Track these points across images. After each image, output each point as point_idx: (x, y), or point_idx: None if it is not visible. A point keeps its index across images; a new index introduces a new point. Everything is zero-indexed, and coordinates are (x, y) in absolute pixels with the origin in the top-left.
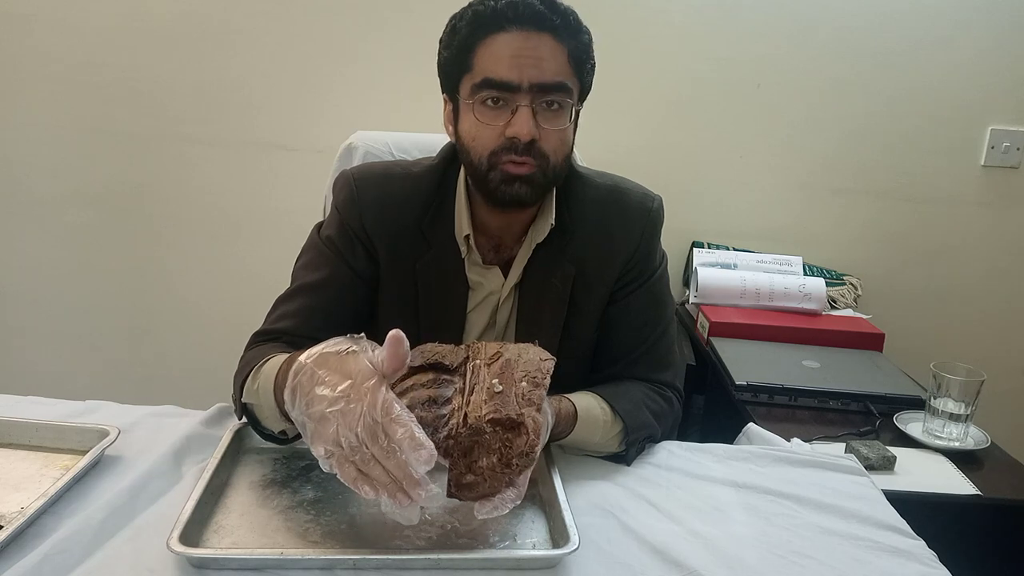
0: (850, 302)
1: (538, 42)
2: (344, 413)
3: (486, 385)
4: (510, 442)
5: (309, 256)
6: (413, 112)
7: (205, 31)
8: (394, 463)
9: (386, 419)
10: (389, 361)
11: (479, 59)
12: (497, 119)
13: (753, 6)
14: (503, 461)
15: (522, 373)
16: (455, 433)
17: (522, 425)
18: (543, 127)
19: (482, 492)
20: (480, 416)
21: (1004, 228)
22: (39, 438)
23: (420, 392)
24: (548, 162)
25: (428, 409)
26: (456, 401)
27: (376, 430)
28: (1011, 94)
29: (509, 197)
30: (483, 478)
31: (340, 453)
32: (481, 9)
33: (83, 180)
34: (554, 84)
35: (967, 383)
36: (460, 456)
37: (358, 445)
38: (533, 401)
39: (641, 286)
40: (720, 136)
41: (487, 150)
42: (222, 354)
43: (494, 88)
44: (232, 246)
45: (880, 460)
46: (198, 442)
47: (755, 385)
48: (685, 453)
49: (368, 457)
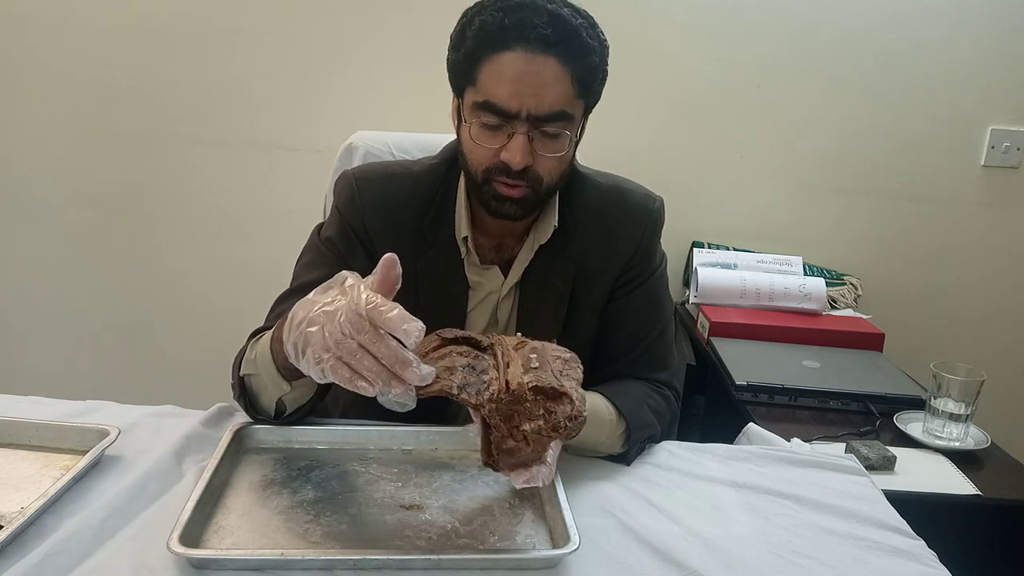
0: (850, 302)
1: (542, 66)
2: (327, 313)
3: (521, 360)
4: (552, 410)
5: (309, 256)
6: (413, 112)
7: (205, 31)
8: (382, 348)
9: (370, 307)
10: (379, 283)
11: (483, 76)
12: (493, 141)
13: (754, 7)
14: (550, 425)
15: (554, 355)
16: (496, 397)
17: (565, 395)
18: (539, 153)
19: (521, 459)
20: (522, 383)
21: (1004, 228)
22: (39, 438)
23: (459, 359)
24: (542, 184)
25: (468, 374)
26: (492, 372)
27: (359, 321)
28: (1011, 94)
29: (500, 214)
30: (525, 442)
31: (330, 357)
32: (490, 22)
33: (83, 180)
34: (553, 114)
35: (967, 383)
36: (502, 420)
37: (343, 339)
38: (572, 376)
39: (641, 285)
40: (720, 136)
41: (482, 166)
42: (222, 354)
43: (492, 113)
44: (232, 246)
45: (880, 460)
46: (198, 442)
47: (755, 385)
48: (685, 453)
49: (355, 349)
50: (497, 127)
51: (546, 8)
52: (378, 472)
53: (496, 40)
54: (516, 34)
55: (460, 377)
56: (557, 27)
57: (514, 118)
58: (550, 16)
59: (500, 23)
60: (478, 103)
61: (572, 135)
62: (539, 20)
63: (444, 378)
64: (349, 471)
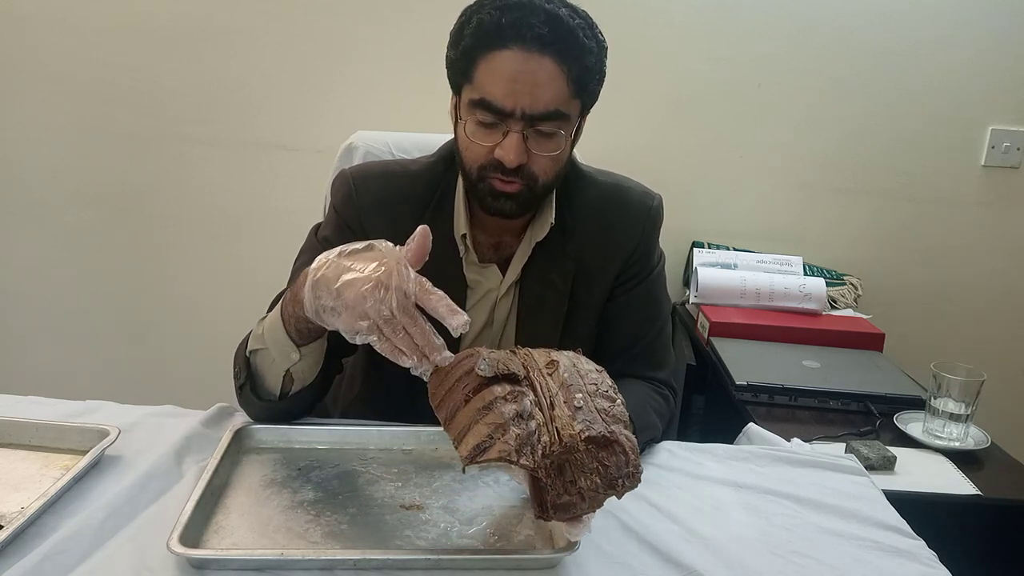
0: (850, 302)
1: (538, 65)
2: (378, 288)
3: (563, 399)
4: (605, 460)
5: (307, 256)
6: (413, 112)
7: (205, 31)
8: (418, 331)
9: (421, 290)
10: (415, 253)
11: (479, 74)
12: (488, 139)
13: (753, 6)
14: (607, 482)
15: (592, 387)
16: (549, 452)
17: (616, 443)
18: (533, 152)
19: (576, 513)
20: (574, 434)
21: (1004, 228)
22: (39, 438)
23: (506, 407)
24: (537, 181)
25: (519, 425)
26: (538, 416)
27: (406, 302)
28: (1011, 94)
29: (495, 210)
30: (581, 498)
31: (371, 325)
32: (488, 21)
33: (83, 180)
34: (548, 113)
35: (967, 383)
36: (556, 476)
37: (390, 317)
38: (619, 418)
39: (639, 284)
40: (720, 136)
41: (476, 163)
42: (222, 354)
43: (488, 110)
44: (232, 246)
45: (880, 460)
46: (198, 442)
47: (755, 385)
48: (685, 453)
49: (399, 327)
50: (492, 125)
51: (544, 8)
52: (378, 472)
53: (493, 38)
54: (513, 33)
55: (514, 436)
56: (554, 27)
57: (509, 116)
58: (547, 16)
59: (497, 22)
60: (474, 100)
61: (568, 134)
62: (536, 20)
63: (499, 438)
64: (349, 471)
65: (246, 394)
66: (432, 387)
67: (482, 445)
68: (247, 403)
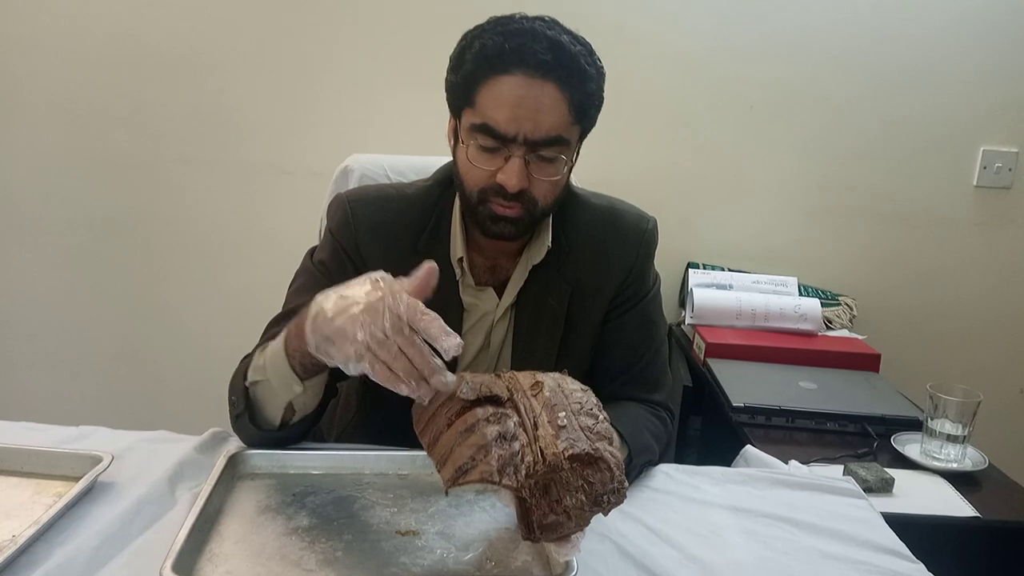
0: (845, 323)
1: (540, 91)
2: (369, 311)
3: (547, 419)
4: (590, 478)
5: (302, 280)
6: (409, 135)
7: (201, 55)
8: (415, 352)
9: (411, 312)
10: (415, 285)
11: (481, 98)
12: (490, 164)
13: (747, 30)
14: (592, 499)
15: (576, 406)
16: (533, 471)
17: (600, 460)
18: (534, 176)
19: (564, 532)
20: (557, 452)
21: (998, 248)
22: (31, 464)
23: (489, 428)
24: (536, 206)
25: (502, 446)
26: (522, 436)
27: (399, 323)
28: (1002, 116)
29: (495, 233)
30: (567, 517)
31: (370, 354)
32: (490, 46)
33: (78, 203)
34: (549, 139)
35: (964, 404)
36: (541, 495)
37: (385, 340)
38: (603, 435)
39: (635, 306)
40: (714, 157)
41: (477, 187)
42: (218, 377)
43: (490, 135)
44: (228, 269)
45: (878, 482)
46: (192, 468)
47: (752, 407)
48: (682, 476)
49: (396, 352)
50: (494, 149)
51: (546, 34)
52: (374, 497)
53: (496, 64)
54: (516, 58)
55: (496, 457)
56: (556, 53)
57: (511, 141)
58: (550, 42)
59: (500, 47)
60: (475, 125)
61: (568, 159)
62: (539, 46)
63: (480, 460)
64: (344, 497)
65: (243, 423)
66: (416, 414)
67: (464, 467)
68: (243, 430)
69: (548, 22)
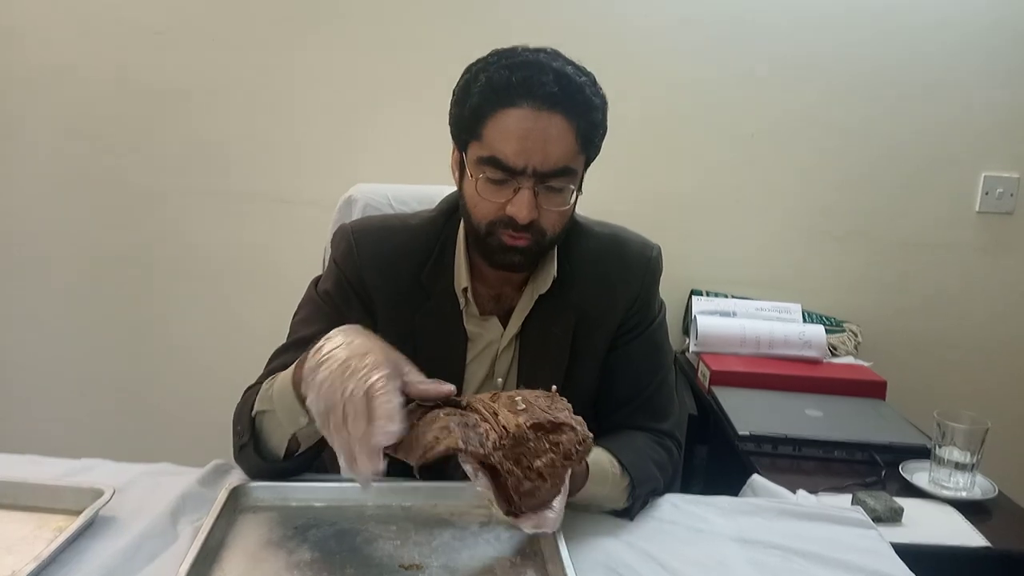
0: (850, 349)
1: (548, 122)
2: (344, 370)
3: (507, 409)
4: (556, 440)
5: (306, 311)
6: (413, 165)
7: (204, 85)
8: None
9: (370, 389)
10: (419, 388)
11: (488, 131)
12: (498, 196)
13: (747, 57)
14: (562, 456)
15: (533, 396)
16: (500, 444)
17: (563, 424)
18: (543, 207)
19: (541, 498)
20: (520, 424)
21: (1001, 273)
22: (33, 498)
23: (448, 419)
24: (545, 236)
25: (464, 430)
26: (484, 425)
27: (360, 395)
28: (1003, 141)
29: (504, 264)
30: (542, 479)
31: (325, 411)
32: (496, 79)
33: (80, 235)
34: (558, 170)
35: (971, 431)
36: (513, 464)
37: (337, 403)
38: (561, 408)
39: (641, 334)
40: (716, 184)
41: (486, 219)
42: (221, 408)
43: (498, 168)
44: (230, 301)
45: (887, 512)
46: (194, 501)
47: (758, 435)
48: (689, 506)
49: (339, 423)
50: (502, 181)
51: (551, 66)
52: (377, 530)
53: (503, 96)
54: (523, 91)
55: (460, 433)
56: (563, 84)
57: (520, 173)
58: (556, 74)
59: (507, 80)
60: (483, 158)
61: (575, 188)
62: (545, 78)
63: (444, 437)
64: (347, 530)
65: (247, 453)
66: None
67: (430, 445)
68: (246, 461)
69: (551, 53)
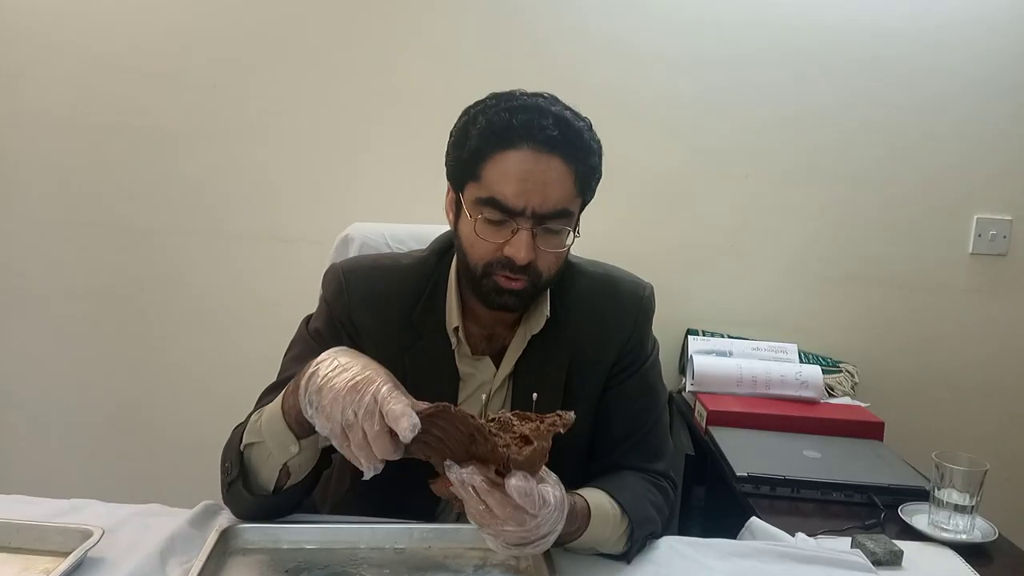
0: (847, 390)
1: (547, 165)
2: (354, 390)
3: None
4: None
5: (297, 349)
6: (410, 204)
7: (200, 123)
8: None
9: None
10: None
11: (487, 173)
12: (497, 236)
13: (741, 99)
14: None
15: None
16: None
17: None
18: (541, 249)
19: (532, 459)
20: (503, 412)
21: (995, 314)
22: (20, 539)
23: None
24: (541, 277)
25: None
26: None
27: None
28: (995, 184)
29: (499, 305)
30: (527, 442)
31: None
32: (497, 121)
33: (75, 273)
34: (556, 212)
35: (970, 473)
36: (499, 430)
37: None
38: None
39: (635, 373)
40: (711, 225)
41: (483, 260)
42: (213, 449)
43: (497, 209)
44: (225, 340)
45: (887, 555)
46: (183, 543)
47: (756, 476)
48: (687, 549)
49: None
50: (501, 222)
51: (550, 110)
52: (369, 573)
53: (503, 138)
54: (524, 133)
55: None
56: (563, 128)
57: (519, 215)
58: (555, 118)
59: (507, 123)
60: (482, 199)
61: (572, 231)
62: (546, 121)
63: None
64: (339, 573)
65: (236, 490)
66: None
67: (426, 411)
68: (235, 498)
69: (549, 98)
